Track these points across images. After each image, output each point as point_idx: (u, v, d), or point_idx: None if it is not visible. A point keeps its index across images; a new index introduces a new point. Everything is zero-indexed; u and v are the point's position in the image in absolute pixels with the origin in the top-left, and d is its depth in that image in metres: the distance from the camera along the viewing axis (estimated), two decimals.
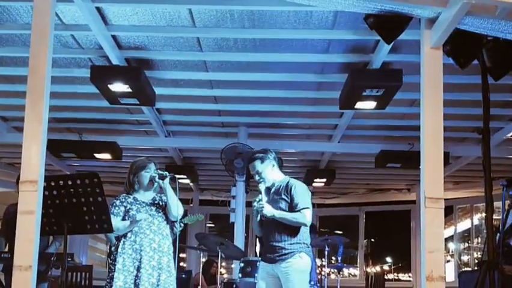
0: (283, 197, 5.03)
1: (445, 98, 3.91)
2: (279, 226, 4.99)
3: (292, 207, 4.98)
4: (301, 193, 5.04)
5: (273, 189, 5.12)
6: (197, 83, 7.10)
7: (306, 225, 5.03)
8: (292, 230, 5.00)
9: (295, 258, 4.95)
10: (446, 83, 3.98)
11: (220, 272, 8.31)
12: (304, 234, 5.08)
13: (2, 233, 6.48)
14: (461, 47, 4.06)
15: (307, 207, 5.00)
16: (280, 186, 5.10)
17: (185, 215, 5.93)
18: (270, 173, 5.12)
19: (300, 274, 4.98)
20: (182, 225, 5.23)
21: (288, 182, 5.10)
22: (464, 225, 14.11)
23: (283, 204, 5.02)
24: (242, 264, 6.82)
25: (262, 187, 5.07)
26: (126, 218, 5.11)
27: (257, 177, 5.12)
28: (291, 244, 4.99)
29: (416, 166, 3.84)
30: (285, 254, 4.96)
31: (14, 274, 3.51)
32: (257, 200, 5.07)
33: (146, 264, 4.98)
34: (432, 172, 3.79)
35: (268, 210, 4.94)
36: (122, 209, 5.13)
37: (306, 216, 4.97)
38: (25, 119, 3.69)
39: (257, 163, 5.11)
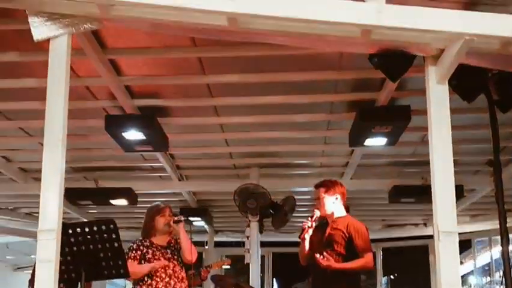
0: (343, 235, 4.88)
1: (455, 133, 3.95)
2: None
3: (351, 249, 4.85)
4: (362, 235, 4.89)
5: (331, 225, 4.99)
6: (208, 128, 7.21)
7: (370, 269, 4.93)
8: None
9: None
10: (455, 119, 4.02)
11: None
12: (357, 276, 4.98)
13: (32, 283, 6.53)
14: (466, 81, 4.12)
15: (370, 251, 4.87)
16: (340, 223, 4.95)
17: (199, 258, 5.96)
18: (329, 204, 5.01)
19: None
20: (209, 269, 5.23)
21: (348, 222, 4.95)
22: (484, 259, 13.97)
23: (342, 243, 4.87)
24: None
25: (316, 213, 4.98)
26: (143, 261, 5.19)
27: (316, 202, 5.06)
28: (344, 281, 4.81)
29: (431, 200, 3.85)
30: None
31: None
32: (309, 220, 4.97)
33: None
34: (444, 205, 3.79)
35: (331, 264, 4.76)
36: (139, 252, 5.22)
37: (369, 260, 4.83)
38: (43, 169, 3.77)
39: (321, 190, 5.04)
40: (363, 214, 11.84)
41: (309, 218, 5.00)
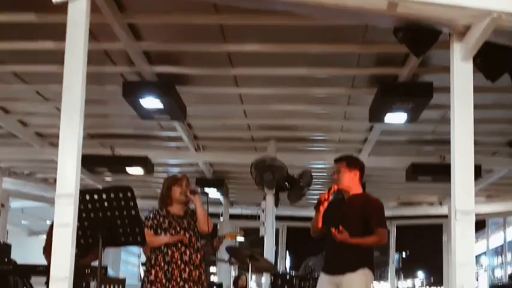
0: (360, 211, 4.86)
1: (477, 113, 3.90)
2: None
3: (366, 225, 4.84)
4: (378, 212, 4.89)
5: (348, 201, 4.97)
6: (227, 98, 7.17)
7: (383, 245, 4.95)
8: None
9: (357, 274, 4.79)
10: (477, 98, 3.96)
11: (250, 286, 8.33)
12: (370, 252, 4.96)
13: (48, 248, 6.59)
14: (491, 60, 4.05)
15: (384, 227, 4.87)
16: (357, 199, 4.94)
17: (215, 229, 5.98)
18: (348, 180, 4.98)
19: None
20: (223, 240, 5.25)
21: (365, 198, 4.97)
22: (497, 239, 13.93)
23: (358, 219, 4.85)
24: (272, 278, 6.83)
25: (334, 187, 4.96)
26: (159, 231, 5.22)
27: (335, 176, 5.02)
28: (357, 257, 4.81)
29: (448, 179, 3.81)
30: (349, 267, 4.80)
31: (50, 285, 3.58)
32: (325, 194, 4.95)
33: (177, 276, 5.06)
34: (462, 184, 3.76)
35: (346, 238, 4.74)
36: (156, 222, 5.25)
37: (383, 237, 4.84)
38: (60, 135, 3.77)
39: (342, 164, 5.00)
40: (379, 191, 11.80)
41: (327, 191, 4.99)
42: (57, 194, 3.68)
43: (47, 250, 6.60)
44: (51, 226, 6.49)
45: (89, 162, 8.80)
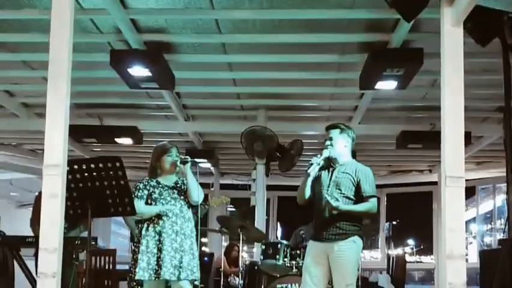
0: (351, 179, 4.91)
1: (467, 78, 3.88)
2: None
3: (358, 193, 4.89)
4: (370, 180, 4.93)
5: (339, 169, 4.99)
6: (216, 66, 7.10)
7: (374, 214, 4.97)
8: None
9: (349, 242, 4.84)
10: (467, 63, 3.94)
11: (242, 256, 8.36)
12: (360, 220, 4.99)
13: (35, 221, 6.57)
14: (481, 24, 4.03)
15: (375, 196, 4.92)
16: (348, 167, 4.97)
17: (205, 199, 5.97)
18: (341, 147, 5.02)
19: (353, 260, 4.88)
20: (207, 207, 5.26)
21: (356, 166, 4.98)
22: (486, 206, 14.03)
23: (350, 187, 4.90)
24: (263, 247, 6.85)
25: (325, 153, 4.97)
26: (149, 201, 5.20)
27: (327, 142, 5.02)
28: (348, 225, 4.86)
29: (438, 147, 3.81)
30: (339, 235, 4.84)
31: (39, 256, 3.57)
32: (319, 157, 4.95)
33: (168, 246, 5.06)
34: (452, 151, 3.77)
35: (339, 205, 4.78)
36: (146, 192, 5.24)
37: (374, 205, 4.90)
38: (47, 104, 3.73)
39: (335, 131, 5.04)
40: (369, 159, 11.83)
41: (319, 155, 4.98)
42: (44, 164, 3.65)
43: (34, 222, 6.58)
44: (37, 197, 6.51)
45: (77, 133, 8.72)
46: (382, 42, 6.02)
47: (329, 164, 5.05)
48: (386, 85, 6.57)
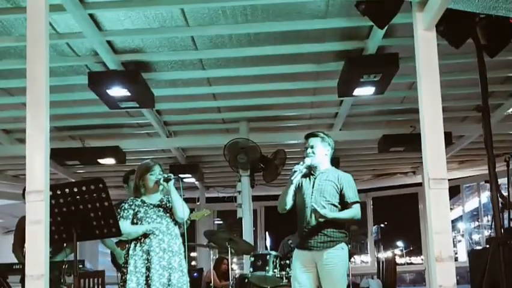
0: (334, 186, 4.93)
1: (443, 79, 3.93)
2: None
3: (342, 200, 4.91)
4: (353, 186, 4.98)
5: (321, 177, 5.00)
6: (195, 82, 7.12)
7: (359, 220, 4.98)
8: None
9: (337, 249, 4.86)
10: (443, 65, 3.99)
11: (232, 268, 8.35)
12: (345, 226, 5.01)
13: (17, 245, 6.52)
14: (454, 26, 4.08)
15: (359, 202, 4.96)
16: (330, 174, 5.00)
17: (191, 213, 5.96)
18: (322, 156, 5.05)
19: (342, 267, 4.89)
20: (188, 222, 5.25)
21: (338, 173, 5.02)
22: (472, 204, 14.13)
23: (333, 194, 4.91)
24: (252, 259, 6.84)
25: (307, 161, 4.99)
26: (135, 220, 5.18)
27: (308, 150, 5.04)
28: (334, 232, 4.88)
29: (420, 148, 3.85)
30: (327, 242, 4.85)
31: (26, 284, 3.54)
32: (301, 164, 4.96)
33: (156, 264, 5.03)
34: (433, 153, 3.80)
35: (327, 213, 4.78)
36: (131, 211, 5.21)
37: (359, 211, 4.93)
38: (27, 129, 3.71)
39: (316, 140, 5.07)
40: (353, 165, 11.91)
41: (301, 163, 5.01)
42: (27, 191, 3.63)
43: (16, 247, 6.53)
44: (18, 222, 6.48)
45: (59, 156, 8.70)
46: (357, 49, 6.08)
47: (310, 172, 5.08)
48: (364, 91, 6.62)
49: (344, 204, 4.92)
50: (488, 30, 4.15)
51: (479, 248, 12.56)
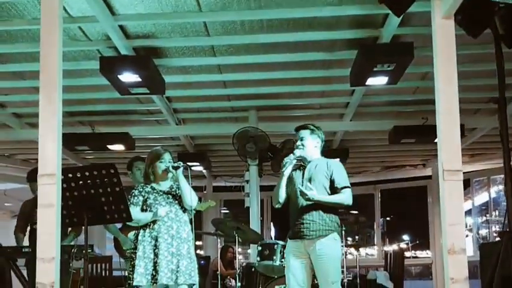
0: (324, 174, 4.94)
1: (458, 69, 3.88)
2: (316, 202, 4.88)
3: (332, 186, 4.92)
4: (342, 172, 4.99)
5: (310, 166, 5.02)
6: (206, 69, 7.08)
7: (349, 205, 4.96)
8: (329, 207, 4.92)
9: (329, 240, 4.85)
10: (459, 55, 3.93)
11: (237, 257, 8.35)
12: (338, 214, 5.01)
13: (19, 228, 6.53)
14: (472, 16, 4.01)
15: (349, 187, 4.96)
16: (319, 163, 5.02)
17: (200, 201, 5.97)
18: (312, 147, 5.07)
19: (335, 257, 4.87)
20: (194, 211, 5.25)
21: (327, 161, 5.04)
22: (481, 198, 14.05)
23: (324, 181, 4.93)
24: (260, 248, 6.83)
25: (297, 153, 5.02)
26: (144, 207, 5.19)
27: (298, 143, 5.06)
28: (326, 222, 4.88)
29: (431, 140, 3.83)
30: (318, 231, 4.84)
31: (37, 266, 3.54)
32: (291, 157, 5.00)
33: (164, 250, 5.05)
34: (449, 144, 3.78)
35: (314, 194, 4.80)
36: (141, 198, 5.24)
37: (349, 196, 4.93)
38: (40, 113, 3.70)
39: (306, 132, 5.10)
40: (362, 156, 11.86)
41: (291, 155, 5.04)
42: (39, 174, 3.63)
43: (17, 229, 6.53)
44: (22, 205, 6.49)
45: (69, 141, 8.68)
46: (371, 37, 6.02)
47: (300, 164, 5.12)
48: (377, 81, 6.55)
49: (334, 190, 4.93)
50: (506, 20, 4.09)
51: (490, 241, 12.48)
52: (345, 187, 4.92)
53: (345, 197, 4.90)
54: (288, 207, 5.15)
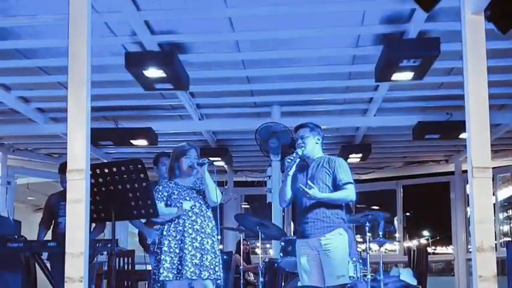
0: (326, 171, 4.96)
1: None
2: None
3: (335, 183, 4.93)
4: (344, 168, 4.99)
5: (313, 164, 5.05)
6: (230, 64, 7.07)
7: (352, 201, 5.00)
8: (332, 203, 4.94)
9: (334, 235, 4.89)
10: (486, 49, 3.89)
11: (256, 252, 8.33)
12: (343, 209, 5.04)
13: (43, 222, 6.58)
14: (502, 11, 3.96)
15: (352, 183, 4.96)
16: (321, 161, 5.04)
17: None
18: (312, 145, 5.08)
19: (341, 252, 4.90)
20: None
21: (328, 158, 5.06)
22: (504, 194, 13.92)
23: (326, 178, 4.94)
24: (283, 244, 6.82)
25: (299, 152, 5.01)
26: (169, 202, 5.22)
27: (299, 141, 5.07)
28: (330, 219, 4.91)
29: (455, 136, 3.78)
30: (324, 228, 4.89)
31: (66, 261, 3.56)
32: (293, 155, 5.00)
33: (189, 245, 5.09)
34: (478, 141, 3.73)
35: (316, 192, 4.82)
36: (165, 193, 5.27)
37: (352, 191, 4.94)
38: (68, 108, 3.72)
39: (305, 130, 5.12)
40: (385, 151, 11.78)
41: (293, 155, 5.03)
42: (68, 170, 3.65)
43: (41, 223, 6.58)
44: (48, 199, 6.54)
45: (92, 136, 8.69)
46: (398, 33, 5.97)
47: (303, 163, 5.11)
48: (403, 76, 6.48)
49: (336, 187, 4.93)
50: None
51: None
52: (347, 183, 4.93)
53: (348, 193, 4.92)
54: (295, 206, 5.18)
